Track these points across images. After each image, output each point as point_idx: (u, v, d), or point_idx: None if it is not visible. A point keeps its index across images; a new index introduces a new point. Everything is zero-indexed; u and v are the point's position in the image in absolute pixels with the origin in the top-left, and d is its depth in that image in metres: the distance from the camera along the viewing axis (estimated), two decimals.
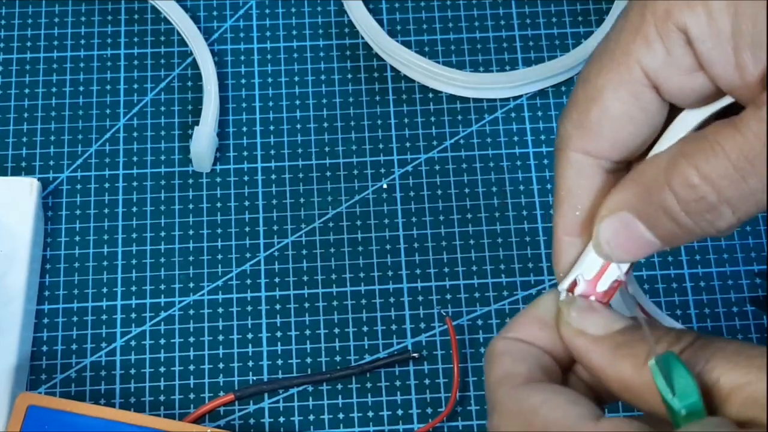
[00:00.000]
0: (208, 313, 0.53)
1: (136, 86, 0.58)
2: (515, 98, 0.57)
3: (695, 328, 0.52)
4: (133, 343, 0.52)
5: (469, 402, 0.51)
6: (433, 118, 0.57)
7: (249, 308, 0.53)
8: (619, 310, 0.38)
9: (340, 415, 0.51)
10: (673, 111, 0.32)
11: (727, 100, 0.32)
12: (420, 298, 0.53)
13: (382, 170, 0.56)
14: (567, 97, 0.57)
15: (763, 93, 0.28)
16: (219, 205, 0.55)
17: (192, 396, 0.51)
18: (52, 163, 0.56)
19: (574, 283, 0.34)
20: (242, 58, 0.58)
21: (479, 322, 0.52)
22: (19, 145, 0.56)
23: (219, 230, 0.54)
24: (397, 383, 0.51)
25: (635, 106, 0.31)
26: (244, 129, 0.57)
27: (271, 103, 0.57)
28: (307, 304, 0.53)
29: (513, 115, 0.57)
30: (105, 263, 0.54)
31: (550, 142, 0.56)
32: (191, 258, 0.54)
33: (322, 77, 0.58)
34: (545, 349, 0.33)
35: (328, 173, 0.56)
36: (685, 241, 0.31)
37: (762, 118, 0.28)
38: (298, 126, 0.57)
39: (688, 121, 0.32)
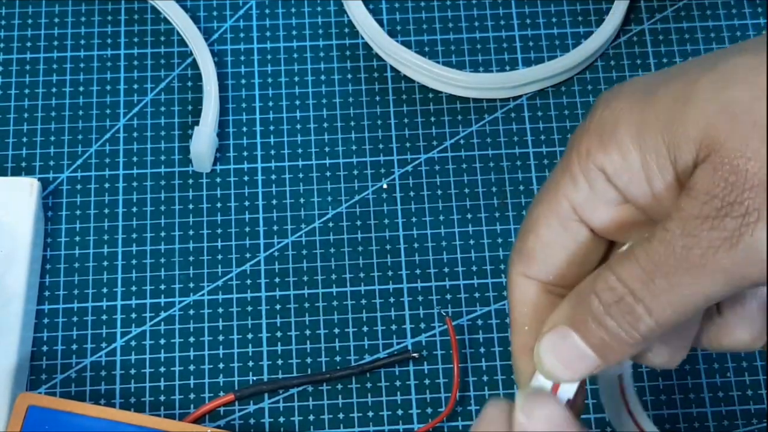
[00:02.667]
0: (208, 313, 0.53)
1: (136, 86, 0.58)
2: (515, 98, 0.57)
3: None
4: (133, 343, 0.52)
5: (469, 402, 0.51)
6: (433, 119, 0.57)
7: (249, 308, 0.53)
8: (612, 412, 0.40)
9: (340, 415, 0.51)
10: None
11: None
12: (420, 298, 0.53)
13: (382, 170, 0.56)
14: (567, 98, 0.57)
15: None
16: (219, 205, 0.55)
17: (192, 396, 0.51)
18: (52, 163, 0.56)
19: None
20: (242, 58, 0.59)
21: (479, 322, 0.52)
22: (19, 145, 0.56)
23: (219, 230, 0.54)
24: (397, 383, 0.51)
25: (566, 236, 0.34)
26: (244, 129, 0.57)
27: (271, 103, 0.57)
28: (307, 304, 0.53)
29: (513, 115, 0.57)
30: (105, 263, 0.54)
31: (550, 142, 0.56)
32: (191, 258, 0.54)
33: (322, 77, 0.58)
34: None
35: (328, 173, 0.56)
36: (619, 354, 0.32)
37: (666, 228, 0.31)
38: (298, 126, 0.57)
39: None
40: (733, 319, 0.36)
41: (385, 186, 0.56)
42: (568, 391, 0.35)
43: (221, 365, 0.52)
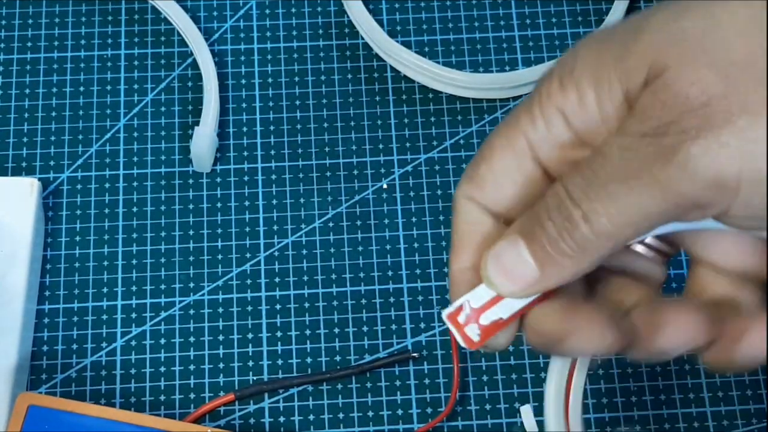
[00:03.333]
0: (208, 313, 0.53)
1: (136, 86, 0.58)
2: (515, 99, 0.57)
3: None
4: (133, 343, 0.52)
5: (469, 402, 0.51)
6: (433, 119, 0.57)
7: (249, 308, 0.53)
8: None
9: (340, 415, 0.51)
10: None
11: None
12: (420, 298, 0.53)
13: (382, 170, 0.56)
14: None
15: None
16: (219, 205, 0.55)
17: (192, 396, 0.51)
18: (52, 163, 0.56)
19: (460, 309, 0.35)
20: (242, 58, 0.59)
21: None
22: (20, 146, 0.56)
23: (219, 230, 0.54)
24: (397, 383, 0.51)
25: (518, 171, 0.35)
26: (244, 129, 0.57)
27: (271, 103, 0.57)
28: (307, 304, 0.53)
29: None
30: (105, 263, 0.54)
31: None
32: (191, 258, 0.54)
33: (322, 77, 0.58)
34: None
35: (328, 173, 0.56)
36: (558, 268, 0.33)
37: (608, 143, 0.32)
38: (298, 126, 0.57)
39: None
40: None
41: (385, 186, 0.56)
42: (494, 314, 0.35)
43: (221, 365, 0.52)
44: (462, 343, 0.35)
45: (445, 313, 0.35)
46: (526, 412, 0.50)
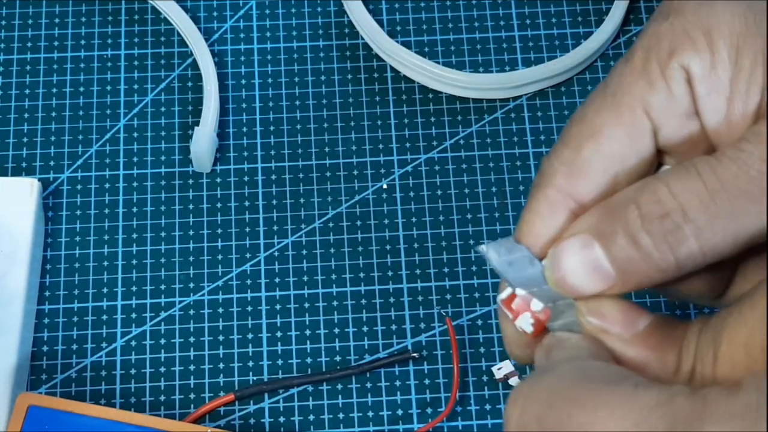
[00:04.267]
0: (208, 313, 0.53)
1: (136, 86, 0.58)
2: (515, 99, 0.57)
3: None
4: (133, 343, 0.52)
5: (469, 402, 0.51)
6: (433, 119, 0.57)
7: (249, 308, 0.53)
8: None
9: (340, 415, 0.51)
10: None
11: None
12: (420, 298, 0.53)
13: (382, 170, 0.56)
14: (567, 98, 0.57)
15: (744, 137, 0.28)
16: (219, 205, 0.55)
17: (192, 396, 0.51)
18: (52, 163, 0.56)
19: (513, 295, 0.32)
20: (242, 58, 0.59)
21: (479, 322, 0.52)
22: (20, 146, 0.56)
23: (219, 230, 0.54)
24: (397, 383, 0.51)
25: (631, 148, 0.30)
26: (244, 129, 0.57)
27: (271, 103, 0.57)
28: (307, 304, 0.53)
29: (512, 115, 0.57)
30: (105, 263, 0.54)
31: (549, 142, 0.56)
32: (191, 258, 0.54)
33: (322, 77, 0.58)
34: None
35: (328, 173, 0.56)
36: (641, 279, 0.29)
37: (742, 149, 0.27)
38: (298, 126, 0.57)
39: None
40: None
41: (385, 186, 0.56)
42: (535, 305, 0.31)
43: (221, 365, 0.52)
44: (523, 328, 0.32)
45: (500, 297, 0.32)
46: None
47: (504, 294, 0.32)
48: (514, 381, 0.50)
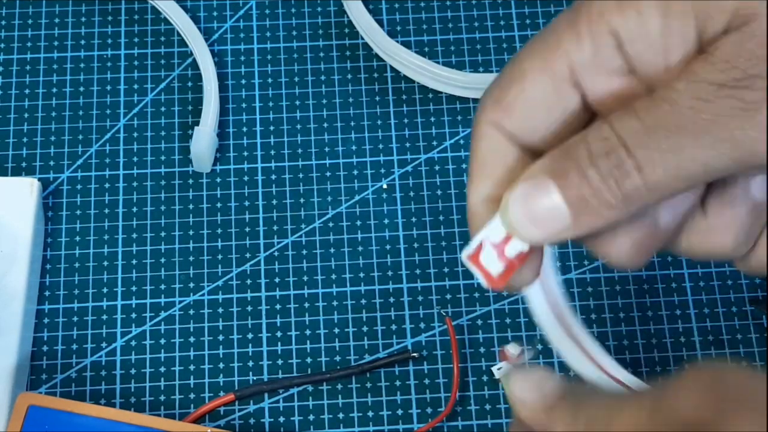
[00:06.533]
0: (208, 313, 0.53)
1: (136, 86, 0.58)
2: None
3: (695, 329, 0.52)
4: (133, 343, 0.52)
5: (469, 402, 0.51)
6: (433, 118, 0.57)
7: (249, 308, 0.53)
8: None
9: (340, 415, 0.51)
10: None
11: None
12: (420, 298, 0.53)
13: (382, 170, 0.56)
14: None
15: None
16: (219, 205, 0.55)
17: (192, 396, 0.51)
18: (52, 163, 0.56)
19: (479, 247, 0.32)
20: (242, 58, 0.59)
21: (479, 322, 0.52)
22: (20, 146, 0.56)
23: (219, 230, 0.54)
24: (397, 383, 0.51)
25: (553, 96, 0.31)
26: (244, 129, 0.57)
27: (271, 103, 0.57)
28: (307, 304, 0.53)
29: None
30: (105, 263, 0.54)
31: None
32: (191, 258, 0.54)
33: (322, 77, 0.58)
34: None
35: (328, 173, 0.56)
36: (594, 217, 0.30)
37: (674, 88, 0.29)
38: (298, 126, 0.57)
39: None
40: (719, 221, 0.33)
41: (385, 186, 0.56)
42: (515, 248, 0.32)
43: (221, 365, 0.52)
44: (486, 284, 0.32)
45: (464, 254, 0.32)
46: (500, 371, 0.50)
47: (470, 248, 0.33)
48: None
